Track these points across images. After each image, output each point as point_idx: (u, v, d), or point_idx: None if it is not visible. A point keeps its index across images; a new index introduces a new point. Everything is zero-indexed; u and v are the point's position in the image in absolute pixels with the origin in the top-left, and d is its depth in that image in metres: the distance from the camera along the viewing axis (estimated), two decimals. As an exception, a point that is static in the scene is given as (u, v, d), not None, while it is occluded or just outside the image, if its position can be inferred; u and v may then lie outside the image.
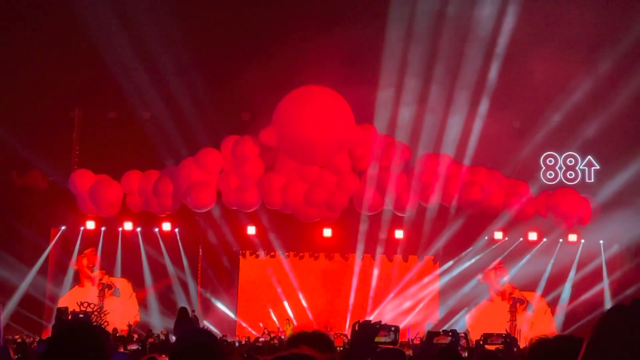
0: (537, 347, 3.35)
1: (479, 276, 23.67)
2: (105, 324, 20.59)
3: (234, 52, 22.36)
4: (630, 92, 20.96)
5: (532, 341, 3.36)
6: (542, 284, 23.58)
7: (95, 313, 19.63)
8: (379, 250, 24.38)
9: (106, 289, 23.93)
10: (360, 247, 24.36)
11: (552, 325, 22.85)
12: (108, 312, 22.20)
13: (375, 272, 24.58)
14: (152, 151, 22.14)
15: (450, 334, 8.32)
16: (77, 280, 23.88)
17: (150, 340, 15.35)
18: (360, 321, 4.21)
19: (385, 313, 23.12)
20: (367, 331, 4.11)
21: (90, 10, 21.01)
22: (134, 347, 9.75)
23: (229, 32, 22.31)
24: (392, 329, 4.27)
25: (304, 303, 24.33)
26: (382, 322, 4.27)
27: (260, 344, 15.61)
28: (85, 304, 21.59)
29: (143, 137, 22.10)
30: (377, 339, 4.14)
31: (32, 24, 21.60)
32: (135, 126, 22.04)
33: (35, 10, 21.75)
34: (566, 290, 23.19)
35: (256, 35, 22.38)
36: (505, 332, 6.94)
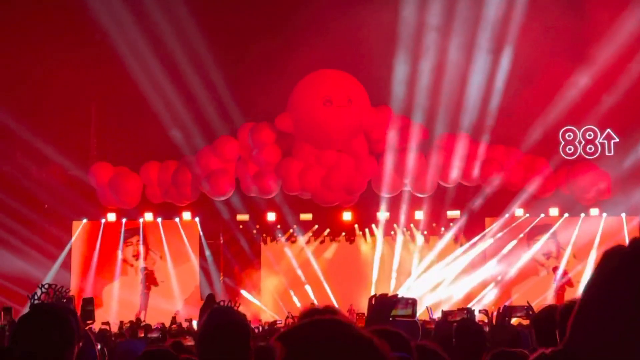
0: (568, 309, 3.34)
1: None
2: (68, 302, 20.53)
3: (245, 37, 22.30)
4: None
5: (563, 307, 3.34)
6: (565, 259, 23.48)
7: (59, 292, 19.53)
8: (400, 231, 24.38)
9: (150, 279, 24.12)
10: (380, 229, 24.39)
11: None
12: (71, 295, 22.13)
13: (397, 253, 24.57)
14: (169, 142, 22.18)
15: (465, 311, 8.32)
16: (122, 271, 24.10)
17: (174, 326, 15.44)
18: (377, 295, 4.20)
19: (408, 294, 23.11)
20: (384, 304, 4.08)
21: (105, 1, 21.07)
22: (154, 334, 9.75)
23: (243, 18, 22.25)
24: (410, 301, 4.25)
25: (326, 287, 24.36)
26: (400, 296, 4.25)
27: (281, 327, 15.60)
28: (47, 285, 21.59)
29: (160, 128, 22.12)
30: (394, 312, 4.12)
31: (46, 18, 21.65)
32: (152, 118, 22.04)
33: (50, 3, 21.80)
34: (589, 264, 23.06)
35: (268, 19, 22.33)
36: (527, 304, 6.89)
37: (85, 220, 24.05)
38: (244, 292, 24.59)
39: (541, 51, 21.54)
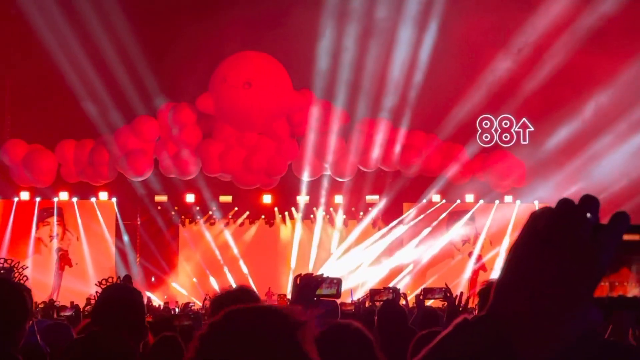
0: (487, 288, 3.41)
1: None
2: (25, 279, 20.10)
3: (169, 16, 21.99)
4: (565, 53, 21.24)
5: (482, 285, 3.40)
6: (479, 244, 23.98)
7: (16, 268, 19.13)
8: (319, 215, 24.50)
9: (64, 260, 23.64)
10: (300, 213, 24.48)
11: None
12: (27, 267, 21.65)
13: (316, 236, 24.70)
14: (87, 120, 21.72)
15: (391, 290, 8.45)
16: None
17: (88, 307, 15.17)
18: (302, 275, 4.21)
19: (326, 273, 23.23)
20: (309, 284, 4.10)
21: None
22: (67, 313, 9.56)
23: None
24: (335, 281, 4.29)
25: (244, 269, 24.33)
26: (324, 275, 4.27)
27: (197, 309, 15.53)
28: (2, 260, 21.10)
29: (77, 106, 21.64)
30: (319, 292, 4.14)
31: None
32: (69, 95, 21.53)
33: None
34: (503, 250, 23.61)
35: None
36: (445, 286, 7.02)
37: (-3, 198, 23.45)
38: (160, 274, 24.36)
39: (466, 32, 21.76)
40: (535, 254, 1.05)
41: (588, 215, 1.04)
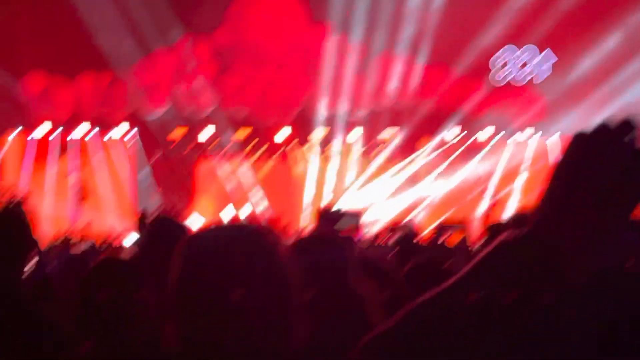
0: (494, 226, 3.46)
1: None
2: (32, 210, 20.28)
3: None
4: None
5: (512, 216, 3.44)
6: (496, 180, 23.94)
7: (24, 199, 19.23)
8: (335, 150, 24.48)
9: (83, 193, 23.83)
10: (316, 148, 24.46)
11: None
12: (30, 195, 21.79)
13: (332, 172, 24.72)
14: (105, 53, 21.64)
15: (407, 226, 8.53)
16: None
17: (107, 240, 15.34)
18: (323, 207, 4.28)
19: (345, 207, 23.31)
20: (329, 217, 4.18)
21: None
22: (84, 247, 9.65)
23: None
24: (354, 214, 4.36)
25: (262, 203, 24.46)
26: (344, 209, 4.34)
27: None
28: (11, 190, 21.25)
29: (95, 39, 21.55)
30: (339, 225, 4.22)
31: None
32: (87, 28, 21.42)
33: None
34: (518, 185, 23.58)
35: None
36: (461, 222, 7.10)
37: (17, 131, 23.55)
38: (178, 208, 24.52)
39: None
40: (576, 176, 1.09)
41: (627, 138, 1.07)
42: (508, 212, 21.94)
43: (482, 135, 23.75)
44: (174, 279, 1.77)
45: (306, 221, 22.18)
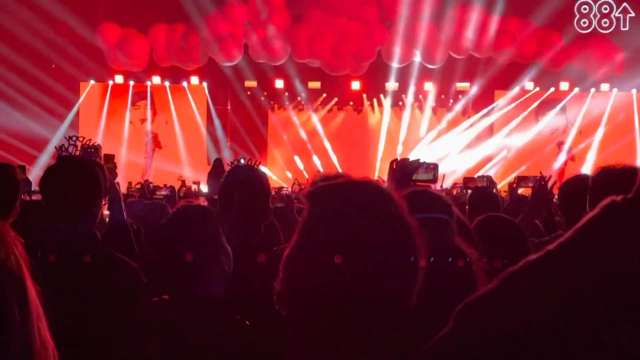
0: (601, 173, 3.35)
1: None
2: (99, 159, 20.68)
3: None
4: None
5: (597, 170, 3.34)
6: (573, 133, 23.49)
7: (86, 146, 19.61)
8: (408, 102, 24.29)
9: (156, 143, 24.27)
10: (389, 100, 24.30)
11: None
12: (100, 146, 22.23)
13: (405, 124, 24.57)
14: (178, 4, 21.74)
15: (485, 178, 8.39)
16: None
17: (184, 188, 15.56)
18: (398, 159, 4.19)
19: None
20: (406, 168, 4.08)
21: None
22: (163, 192, 9.75)
23: None
24: (432, 166, 4.26)
25: (332, 155, 24.49)
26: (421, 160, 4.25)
27: (288, 192, 15.74)
28: (75, 138, 21.70)
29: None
30: (415, 177, 4.13)
31: None
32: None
33: None
34: (596, 140, 23.10)
35: None
36: (540, 174, 6.92)
37: (92, 82, 23.96)
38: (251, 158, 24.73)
39: None
40: None
41: None
42: (586, 167, 21.58)
43: (558, 89, 23.25)
44: (300, 232, 1.72)
45: (380, 173, 22.12)
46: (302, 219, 1.75)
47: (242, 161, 4.90)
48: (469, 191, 7.46)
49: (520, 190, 8.58)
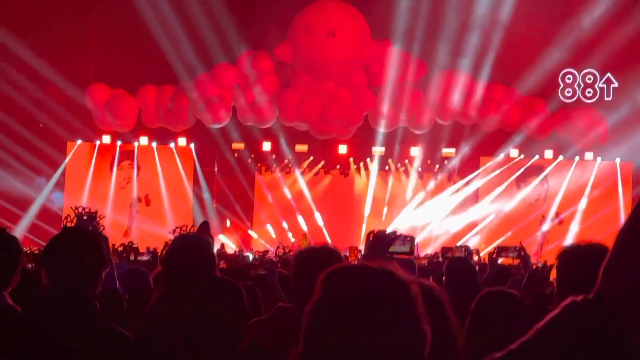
0: (566, 253, 3.32)
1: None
2: (102, 228, 20.63)
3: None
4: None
5: (561, 250, 3.32)
6: (557, 202, 23.59)
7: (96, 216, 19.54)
8: (394, 167, 24.42)
9: (141, 202, 24.21)
10: (375, 164, 24.43)
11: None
12: (104, 217, 22.21)
13: (390, 189, 24.66)
14: (167, 66, 21.95)
15: (463, 249, 8.41)
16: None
17: (165, 252, 15.47)
18: (375, 231, 4.21)
19: (399, 230, 23.22)
20: (382, 241, 4.10)
21: None
22: (145, 257, 9.74)
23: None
24: (408, 238, 4.28)
25: (318, 218, 24.50)
26: (397, 233, 4.26)
27: (272, 256, 15.71)
28: (80, 208, 21.66)
29: (158, 52, 21.87)
30: (392, 249, 4.14)
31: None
32: (151, 41, 21.76)
33: None
34: (580, 208, 23.21)
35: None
36: (520, 245, 6.96)
37: (79, 141, 24.01)
38: (236, 221, 24.71)
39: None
40: None
41: None
42: (568, 237, 21.65)
43: (543, 156, 23.45)
44: (311, 308, 1.72)
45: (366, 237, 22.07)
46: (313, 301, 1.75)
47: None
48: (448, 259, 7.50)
49: (500, 260, 8.61)
